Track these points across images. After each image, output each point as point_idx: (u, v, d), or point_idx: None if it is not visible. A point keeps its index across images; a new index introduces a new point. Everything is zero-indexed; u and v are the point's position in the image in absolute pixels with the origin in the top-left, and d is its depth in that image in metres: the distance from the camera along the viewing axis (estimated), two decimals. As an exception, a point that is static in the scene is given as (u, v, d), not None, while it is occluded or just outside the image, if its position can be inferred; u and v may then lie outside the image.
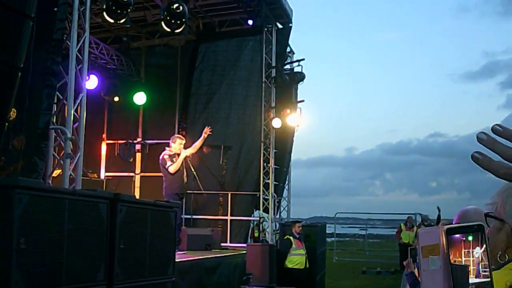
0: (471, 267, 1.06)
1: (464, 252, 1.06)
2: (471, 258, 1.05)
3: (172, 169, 8.59)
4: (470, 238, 1.06)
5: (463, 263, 1.05)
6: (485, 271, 1.06)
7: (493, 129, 0.97)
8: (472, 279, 1.05)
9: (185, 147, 8.98)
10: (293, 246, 10.45)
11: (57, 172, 6.99)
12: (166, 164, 8.62)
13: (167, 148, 8.86)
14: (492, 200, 1.51)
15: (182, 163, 8.74)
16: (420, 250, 1.05)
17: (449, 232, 1.05)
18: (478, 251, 1.06)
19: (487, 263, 1.06)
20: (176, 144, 8.81)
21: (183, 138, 9.23)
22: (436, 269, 1.02)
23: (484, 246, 1.06)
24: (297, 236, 10.59)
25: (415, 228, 16.45)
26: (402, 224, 17.11)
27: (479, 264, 1.06)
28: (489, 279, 1.06)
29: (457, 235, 1.05)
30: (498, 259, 1.45)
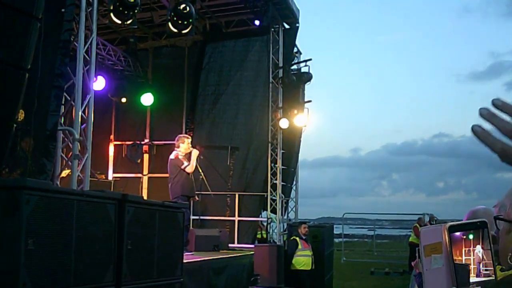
0: (472, 266, 1.03)
1: (465, 250, 1.03)
2: (472, 257, 1.03)
3: (189, 168, 8.53)
4: (470, 236, 1.04)
5: (464, 262, 1.02)
6: (486, 270, 1.04)
7: (493, 103, 0.96)
8: (473, 278, 1.03)
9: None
10: (299, 247, 10.42)
11: (65, 173, 7.02)
12: (182, 164, 8.53)
13: (176, 149, 8.77)
14: (500, 202, 1.50)
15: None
16: (422, 249, 1.02)
17: (452, 230, 1.02)
18: (479, 250, 1.03)
19: (490, 262, 1.04)
20: (185, 144, 8.74)
21: (189, 137, 9.21)
22: (439, 267, 0.99)
23: (486, 243, 1.04)
24: (303, 237, 10.58)
25: None
26: (417, 225, 16.83)
27: (479, 263, 1.04)
28: (491, 278, 1.03)
29: (458, 234, 1.03)
30: (509, 260, 1.45)
